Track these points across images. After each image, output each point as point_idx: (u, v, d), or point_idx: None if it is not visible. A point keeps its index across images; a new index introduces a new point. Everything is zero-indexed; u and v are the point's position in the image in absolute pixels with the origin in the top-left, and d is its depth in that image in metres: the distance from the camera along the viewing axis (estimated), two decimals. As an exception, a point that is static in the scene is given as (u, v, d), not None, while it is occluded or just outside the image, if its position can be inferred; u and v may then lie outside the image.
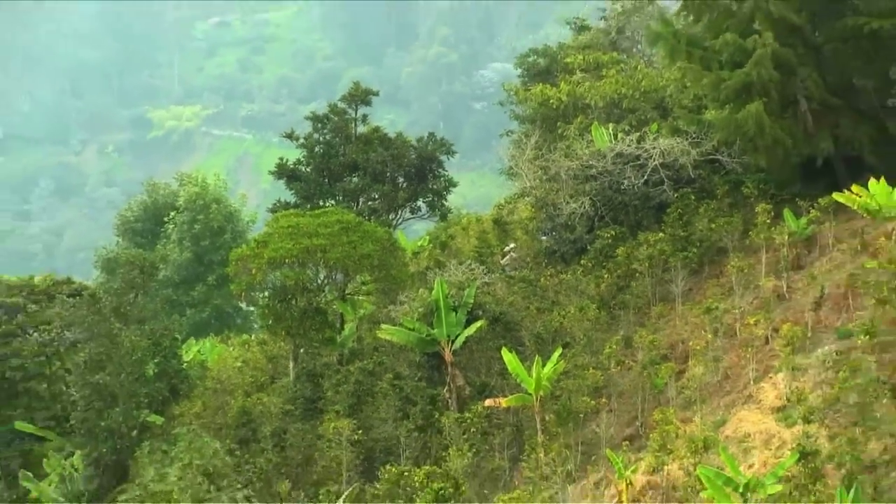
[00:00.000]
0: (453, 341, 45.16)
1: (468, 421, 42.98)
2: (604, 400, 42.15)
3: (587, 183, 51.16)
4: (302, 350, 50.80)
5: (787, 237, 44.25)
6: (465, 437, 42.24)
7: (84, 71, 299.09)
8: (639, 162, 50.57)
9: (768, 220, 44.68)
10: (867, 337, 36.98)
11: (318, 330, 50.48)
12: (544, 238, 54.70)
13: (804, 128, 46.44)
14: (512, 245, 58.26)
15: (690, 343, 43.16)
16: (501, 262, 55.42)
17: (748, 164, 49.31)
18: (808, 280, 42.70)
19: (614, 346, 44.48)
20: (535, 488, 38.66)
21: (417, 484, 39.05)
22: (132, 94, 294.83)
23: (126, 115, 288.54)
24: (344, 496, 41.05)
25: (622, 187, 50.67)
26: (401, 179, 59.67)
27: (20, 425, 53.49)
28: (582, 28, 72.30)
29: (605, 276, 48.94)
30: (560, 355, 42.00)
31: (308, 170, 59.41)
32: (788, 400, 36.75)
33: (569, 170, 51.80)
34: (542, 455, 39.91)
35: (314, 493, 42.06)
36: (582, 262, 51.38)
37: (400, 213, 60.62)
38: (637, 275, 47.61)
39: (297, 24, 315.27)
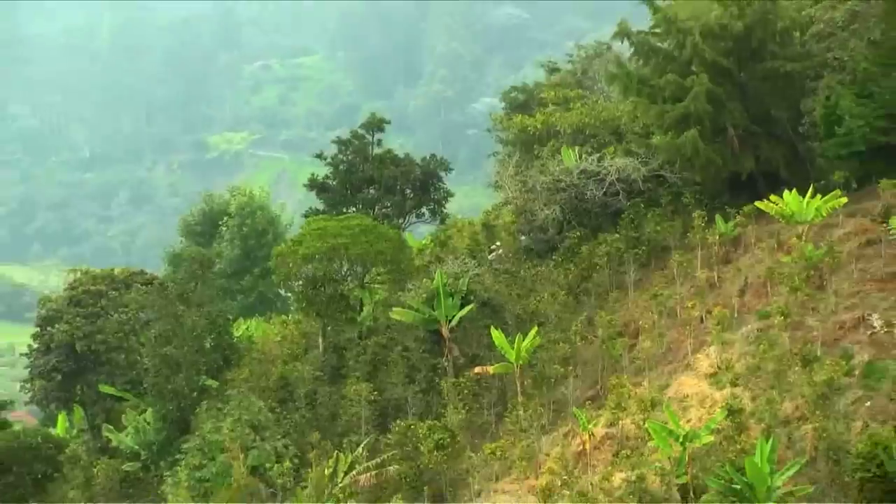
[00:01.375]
0: (450, 321, 45.38)
1: (462, 385, 43.39)
2: (571, 368, 42.43)
3: (558, 194, 51.21)
4: (329, 328, 50.87)
5: (717, 237, 44.56)
6: (460, 397, 42.62)
7: (155, 103, 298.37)
8: (599, 177, 50.71)
9: (703, 224, 44.95)
10: (782, 317, 37.15)
11: (342, 311, 50.77)
12: (523, 238, 54.84)
13: (731, 150, 46.69)
14: (497, 244, 58.26)
15: (640, 322, 43.48)
16: (489, 257, 55.38)
17: (687, 179, 49.50)
18: (735, 272, 42.98)
19: (579, 325, 44.70)
20: (515, 438, 38.97)
21: (421, 435, 39.41)
22: (193, 122, 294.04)
23: (188, 140, 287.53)
24: (363, 444, 41.34)
25: (586, 197, 50.80)
26: (408, 191, 59.66)
27: (104, 388, 53.77)
28: (553, 70, 72.39)
29: (572, 268, 49.20)
30: (536, 332, 42.31)
31: (334, 183, 59.43)
32: (719, 368, 36.96)
33: (543, 183, 51.86)
34: (521, 412, 40.16)
35: (339, 442, 42.21)
36: (553, 257, 51.65)
37: (407, 217, 60.54)
38: (597, 268, 47.81)
39: (324, 67, 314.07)
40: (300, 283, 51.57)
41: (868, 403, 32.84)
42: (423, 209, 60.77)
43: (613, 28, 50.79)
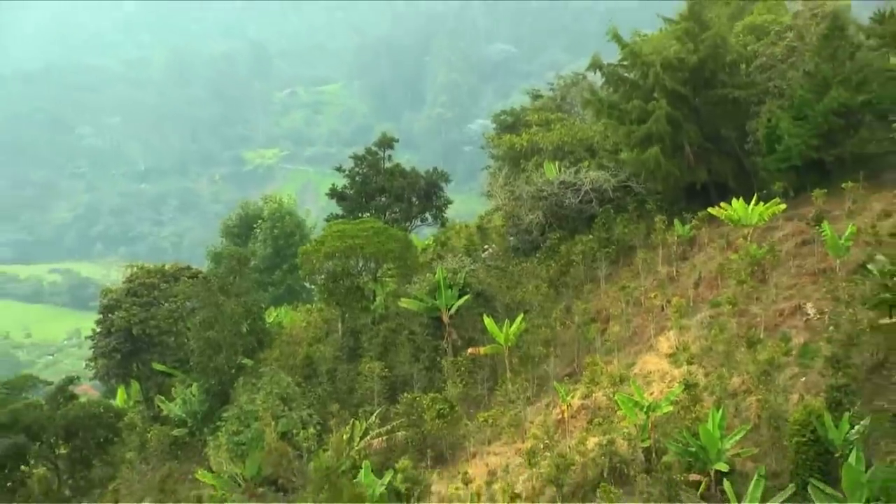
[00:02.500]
0: (450, 309, 45.38)
1: (459, 363, 43.41)
2: (551, 349, 42.40)
3: (540, 201, 51.30)
4: (347, 315, 50.92)
5: (676, 238, 44.62)
6: (458, 374, 42.64)
7: (199, 124, 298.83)
8: (575, 187, 50.79)
9: (663, 227, 45.00)
10: (730, 306, 37.23)
11: (357, 301, 50.82)
12: (511, 239, 54.85)
13: (687, 164, 46.75)
14: (489, 244, 58.37)
15: (610, 310, 43.55)
16: (482, 255, 55.42)
17: (650, 189, 49.56)
18: (690, 268, 43.05)
19: (559, 312, 44.82)
20: (505, 408, 38.99)
21: (425, 405, 39.38)
22: (231, 140, 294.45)
23: (227, 155, 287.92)
24: (375, 414, 41.40)
25: (564, 204, 50.88)
26: (414, 199, 59.72)
27: (156, 365, 53.86)
28: (537, 96, 72.38)
29: (553, 264, 49.22)
30: (522, 318, 42.39)
31: (351, 192, 59.53)
32: (677, 349, 36.92)
33: (528, 192, 51.93)
34: (509, 386, 40.17)
35: (355, 412, 42.29)
36: (537, 255, 51.69)
37: (413, 221, 60.64)
38: (574, 264, 47.87)
39: (343, 94, 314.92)
40: (322, 276, 51.59)
41: (803, 379, 32.89)
42: (427, 214, 60.90)
43: (588, 61, 50.84)
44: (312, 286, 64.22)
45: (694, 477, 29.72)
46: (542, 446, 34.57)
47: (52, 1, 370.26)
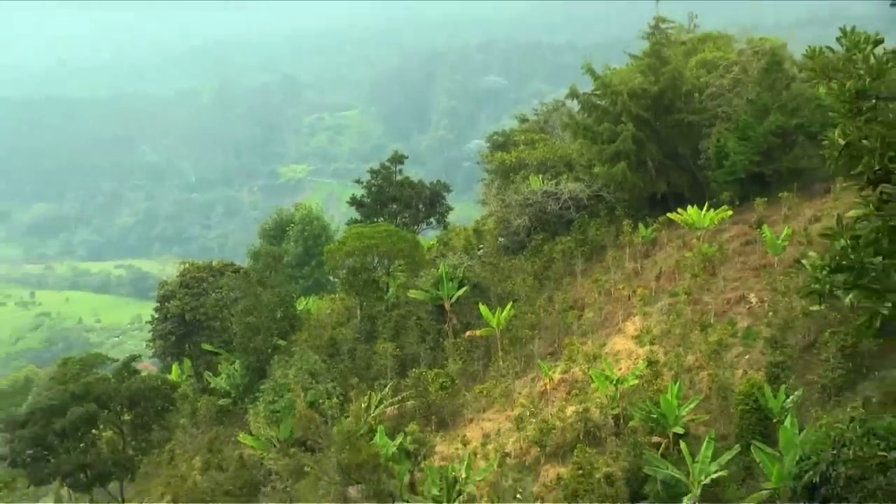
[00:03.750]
0: (451, 298, 45.35)
1: (459, 344, 43.38)
2: (536, 332, 42.44)
3: (527, 208, 51.16)
4: (364, 303, 50.91)
5: (640, 239, 44.54)
6: (457, 352, 42.65)
7: (240, 144, 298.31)
8: (556, 196, 50.65)
9: (630, 230, 44.92)
10: (686, 295, 37.25)
11: (373, 292, 50.74)
12: (502, 239, 54.71)
13: (650, 177, 46.62)
14: (484, 244, 58.26)
15: (585, 299, 43.49)
16: (478, 253, 55.37)
17: (618, 197, 49.38)
18: (652, 264, 42.97)
19: (542, 301, 44.81)
20: (497, 382, 39.06)
21: (430, 379, 39.43)
22: (268, 157, 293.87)
23: (264, 170, 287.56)
24: (388, 386, 41.38)
25: (547, 211, 50.72)
26: (420, 206, 59.52)
27: (205, 345, 53.88)
28: (524, 120, 72.05)
29: (537, 261, 49.11)
30: (511, 306, 42.42)
31: (368, 201, 59.36)
32: (641, 332, 37.01)
33: (516, 201, 51.75)
34: (501, 363, 40.22)
35: (371, 385, 42.27)
36: (524, 253, 51.54)
37: (420, 225, 60.49)
38: (555, 261, 47.79)
39: (361, 118, 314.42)
40: (344, 271, 51.59)
41: (746, 357, 32.90)
42: (431, 219, 60.64)
43: (566, 90, 50.81)
44: (336, 279, 64.21)
45: (655, 439, 29.77)
46: (528, 413, 34.60)
47: (118, 38, 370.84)
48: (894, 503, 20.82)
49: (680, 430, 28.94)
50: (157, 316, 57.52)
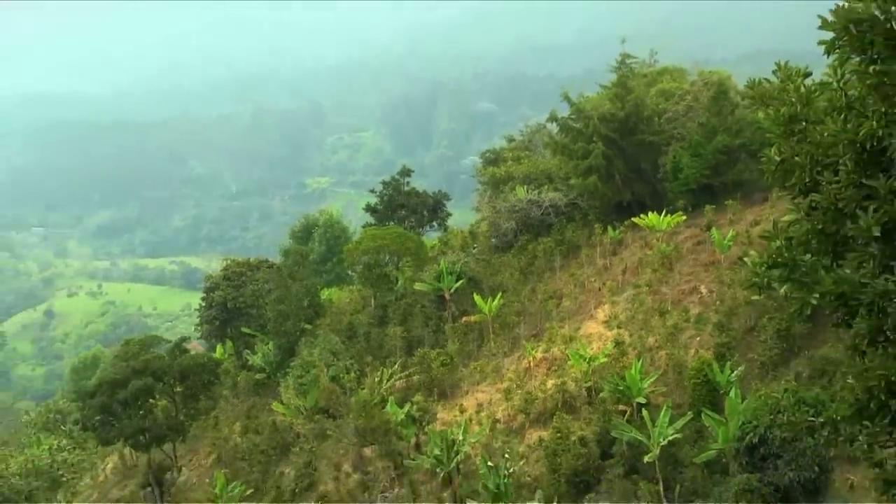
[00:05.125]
0: (450, 289, 45.29)
1: (457, 328, 43.29)
2: (521, 318, 42.36)
3: (514, 214, 50.91)
4: (377, 293, 50.89)
5: (609, 240, 44.48)
6: (455, 335, 42.52)
7: (274, 159, 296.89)
8: (539, 204, 50.41)
9: (600, 232, 44.84)
10: (647, 287, 37.22)
11: (385, 284, 50.57)
12: (493, 240, 54.41)
13: (617, 188, 46.45)
14: (478, 244, 58.12)
15: (563, 290, 43.37)
16: (473, 252, 55.27)
17: (591, 205, 49.11)
18: (619, 261, 42.88)
19: (526, 292, 44.65)
20: (488, 360, 39.05)
21: (432, 357, 39.40)
22: (296, 171, 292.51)
23: (293, 182, 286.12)
24: (397, 363, 41.36)
25: (531, 216, 50.44)
26: (424, 212, 59.46)
27: (244, 329, 53.71)
28: (511, 140, 71.67)
29: (522, 258, 48.88)
30: (500, 296, 42.34)
31: (380, 207, 59.34)
32: (610, 318, 36.97)
33: (505, 207, 51.48)
34: (492, 344, 40.22)
35: (383, 362, 42.15)
36: (511, 252, 51.41)
37: (424, 228, 60.39)
38: (537, 258, 47.67)
39: (374, 138, 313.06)
40: (360, 266, 51.55)
41: (698, 339, 32.88)
42: (434, 223, 60.63)
43: (547, 115, 50.77)
44: (353, 273, 64.29)
45: (621, 407, 29.77)
46: (514, 386, 34.63)
47: (171, 72, 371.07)
48: (821, 460, 20.85)
49: (642, 400, 28.95)
50: (203, 304, 57.43)
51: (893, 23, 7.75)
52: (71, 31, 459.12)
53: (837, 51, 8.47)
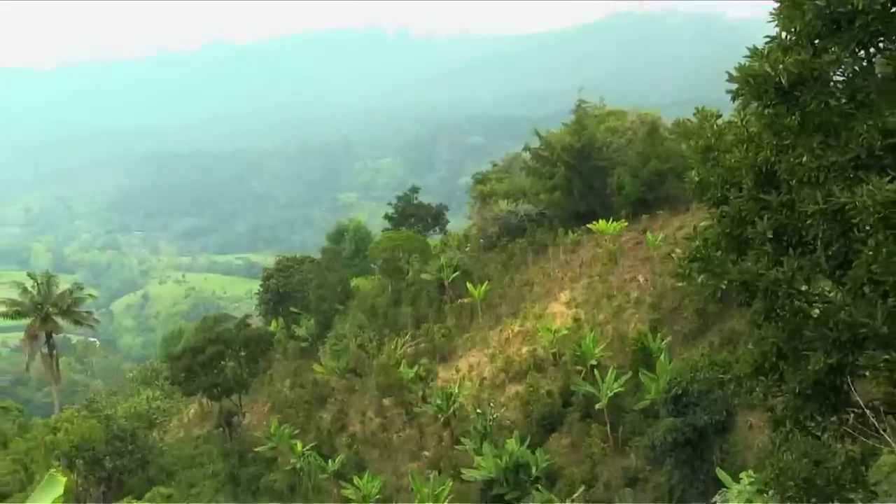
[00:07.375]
0: (448, 279, 44.92)
1: (454, 308, 42.97)
2: (502, 300, 42.10)
3: (497, 221, 50.36)
4: (393, 282, 50.62)
5: (569, 241, 44.21)
6: (452, 313, 42.30)
7: (313, 179, 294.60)
8: (516, 213, 50.00)
9: (563, 235, 44.47)
10: (598, 277, 37.06)
11: (399, 274, 50.10)
12: (482, 241, 54.12)
13: (576, 201, 45.97)
14: (470, 245, 57.82)
15: (534, 279, 42.94)
16: (466, 250, 54.91)
17: (556, 214, 48.26)
18: (577, 257, 42.42)
19: (507, 281, 44.21)
20: (477, 332, 38.92)
21: (435, 330, 39.29)
22: (332, 189, 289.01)
23: (329, 196, 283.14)
24: (409, 334, 41.30)
25: (510, 223, 50.03)
26: (429, 220, 59.36)
27: (292, 309, 52.42)
28: (495, 165, 70.81)
29: (504, 255, 48.63)
30: (486, 284, 42.02)
31: (396, 216, 59.19)
32: (570, 300, 36.81)
33: (490, 216, 51.16)
34: (480, 320, 40.03)
35: (398, 333, 41.99)
36: (495, 250, 51.07)
37: (429, 232, 60.14)
38: (515, 255, 47.28)
39: (391, 163, 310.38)
40: (380, 261, 51.36)
41: (636, 316, 32.74)
42: (436, 228, 60.45)
43: (522, 146, 50.55)
44: (375, 266, 64.12)
45: (579, 368, 29.74)
46: (497, 352, 34.59)
47: (236, 113, 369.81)
48: (728, 407, 20.88)
49: (594, 363, 28.95)
50: (261, 290, 57.31)
51: (781, 77, 7.84)
52: (161, 80, 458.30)
53: (741, 98, 8.57)
